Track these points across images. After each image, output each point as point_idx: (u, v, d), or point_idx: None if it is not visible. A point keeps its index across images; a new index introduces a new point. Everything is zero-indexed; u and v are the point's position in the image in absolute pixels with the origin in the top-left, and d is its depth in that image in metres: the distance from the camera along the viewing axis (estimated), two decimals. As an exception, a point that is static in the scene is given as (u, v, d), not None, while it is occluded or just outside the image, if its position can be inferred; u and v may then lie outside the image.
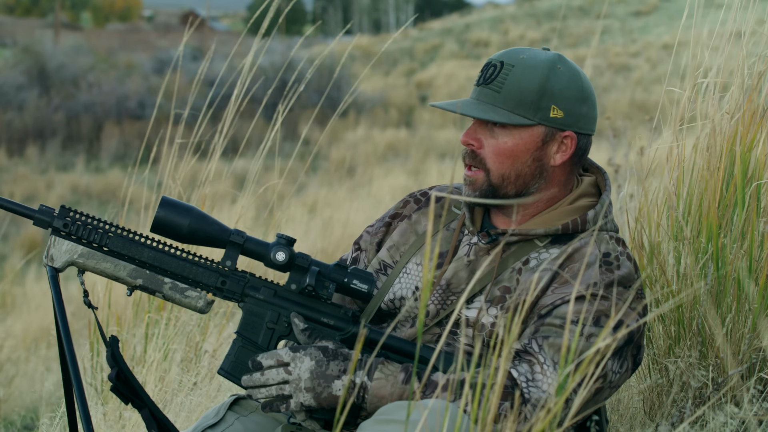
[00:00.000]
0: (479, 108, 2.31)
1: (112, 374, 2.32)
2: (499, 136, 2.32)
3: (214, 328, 4.22)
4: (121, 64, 29.20)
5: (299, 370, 2.20)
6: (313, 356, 2.20)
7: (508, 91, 2.30)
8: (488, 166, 2.33)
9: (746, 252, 2.73)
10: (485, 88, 2.33)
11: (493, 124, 2.32)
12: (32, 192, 17.65)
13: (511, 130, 2.31)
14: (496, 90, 2.31)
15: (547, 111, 2.30)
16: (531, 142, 2.32)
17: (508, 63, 2.32)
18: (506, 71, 2.31)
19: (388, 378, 2.18)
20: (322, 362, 2.20)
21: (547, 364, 2.15)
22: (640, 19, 36.70)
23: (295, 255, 2.32)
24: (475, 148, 2.34)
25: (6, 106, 23.59)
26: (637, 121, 16.59)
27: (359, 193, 11.64)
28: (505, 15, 41.31)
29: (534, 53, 2.34)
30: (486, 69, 2.35)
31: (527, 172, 2.34)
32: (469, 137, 2.34)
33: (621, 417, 2.92)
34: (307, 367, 2.20)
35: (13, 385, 6.38)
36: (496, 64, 2.33)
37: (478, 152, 2.34)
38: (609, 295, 2.21)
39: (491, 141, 2.33)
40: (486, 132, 2.33)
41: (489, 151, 2.33)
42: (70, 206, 2.33)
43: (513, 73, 2.30)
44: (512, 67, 2.31)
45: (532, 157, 2.33)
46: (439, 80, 29.16)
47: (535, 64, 2.31)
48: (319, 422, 2.31)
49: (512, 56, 2.33)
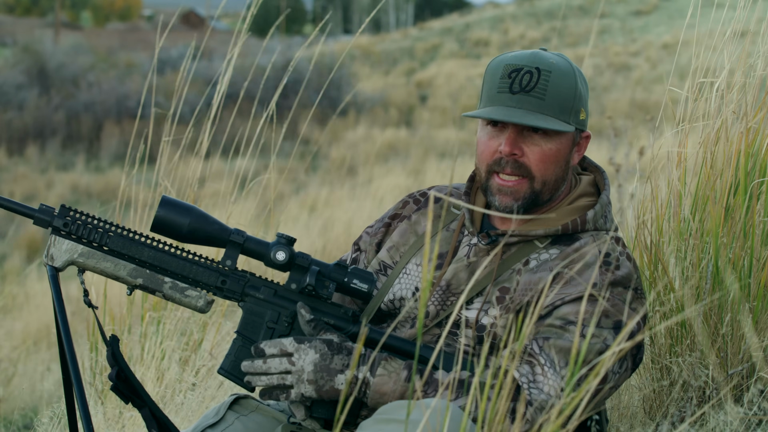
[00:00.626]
0: (529, 116, 2.27)
1: (112, 373, 2.32)
2: (542, 143, 2.30)
3: (212, 327, 4.21)
4: (121, 63, 29.19)
5: (303, 362, 2.19)
6: (318, 349, 2.20)
7: (552, 97, 2.28)
8: (533, 174, 2.31)
9: (747, 251, 2.73)
10: (527, 96, 2.28)
11: (533, 130, 2.30)
12: (32, 191, 17.65)
13: (553, 136, 2.30)
14: (539, 97, 2.28)
15: (578, 114, 2.33)
16: (568, 146, 2.34)
17: (544, 69, 2.29)
18: (545, 77, 2.29)
19: (390, 375, 2.18)
20: (327, 356, 2.20)
21: (548, 365, 2.15)
22: (640, 19, 36.70)
23: (295, 254, 2.32)
24: (518, 157, 2.31)
25: (6, 105, 23.59)
26: (637, 121, 16.58)
27: (359, 192, 11.64)
28: (505, 14, 41.31)
29: (552, 57, 2.33)
30: (518, 75, 2.30)
31: (561, 175, 2.35)
32: (513, 147, 2.30)
33: (621, 416, 2.92)
34: (311, 359, 2.19)
35: (12, 385, 6.38)
36: (531, 71, 2.29)
37: (521, 161, 2.31)
38: (609, 295, 2.21)
39: (535, 148, 2.30)
40: (526, 139, 2.31)
41: (534, 159, 2.30)
42: (70, 206, 2.33)
43: (552, 79, 2.29)
44: (550, 74, 2.29)
45: (565, 161, 2.34)
46: (439, 80, 29.15)
47: (566, 69, 2.31)
48: (319, 421, 2.31)
49: (542, 62, 2.30)
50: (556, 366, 2.15)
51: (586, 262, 2.26)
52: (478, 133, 2.38)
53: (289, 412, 2.43)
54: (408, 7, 65.05)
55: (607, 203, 2.38)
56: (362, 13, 64.87)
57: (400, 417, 2.07)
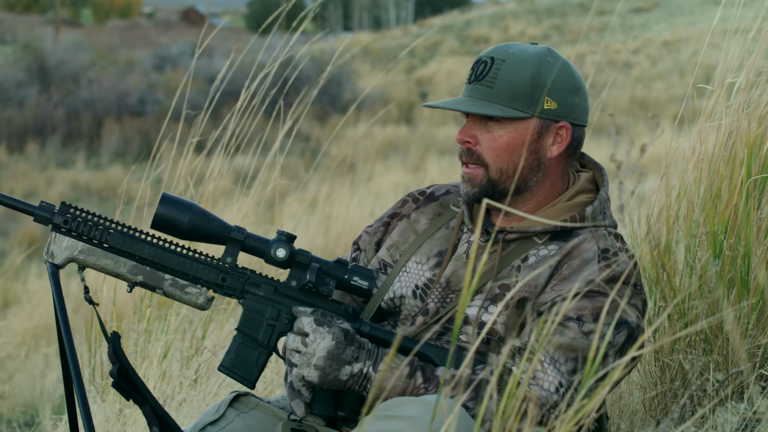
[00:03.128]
0: (473, 104, 2.31)
1: (113, 370, 2.32)
2: (494, 131, 2.32)
3: (215, 325, 4.22)
4: (121, 60, 29.18)
5: (316, 346, 2.19)
6: (335, 337, 2.20)
7: (501, 85, 2.30)
8: (486, 161, 2.33)
9: (746, 248, 2.73)
10: (477, 85, 2.33)
11: (488, 119, 2.32)
12: (32, 189, 17.64)
13: (506, 124, 2.31)
14: (488, 85, 2.31)
15: (541, 103, 2.31)
16: (527, 134, 2.32)
17: (498, 58, 2.32)
18: (497, 66, 2.31)
19: (392, 371, 2.18)
20: (341, 345, 2.19)
21: (548, 362, 2.15)
22: (640, 16, 36.68)
23: (296, 252, 2.32)
24: (471, 145, 2.34)
25: (6, 102, 23.57)
26: (638, 118, 16.57)
27: (359, 189, 11.63)
28: (506, 12, 41.30)
29: (523, 47, 2.35)
30: (477, 66, 2.35)
31: (525, 165, 2.34)
32: (464, 135, 2.35)
33: (622, 414, 2.92)
34: (325, 345, 2.19)
35: (13, 382, 6.38)
36: (486, 61, 2.34)
37: (474, 149, 2.34)
38: (608, 291, 2.21)
39: (487, 136, 2.33)
40: (481, 128, 2.34)
41: (486, 147, 2.33)
42: (71, 203, 2.33)
43: (504, 68, 2.31)
44: (503, 62, 2.31)
45: (529, 150, 2.33)
46: (439, 77, 29.14)
47: (525, 58, 2.32)
48: (324, 418, 2.31)
49: (502, 51, 2.34)
50: (556, 362, 2.15)
51: (585, 258, 2.27)
52: None
53: (289, 409, 2.43)
54: (408, 4, 65.00)
55: (606, 199, 2.38)
56: (362, 10, 64.82)
57: (399, 413, 2.07)
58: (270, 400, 2.49)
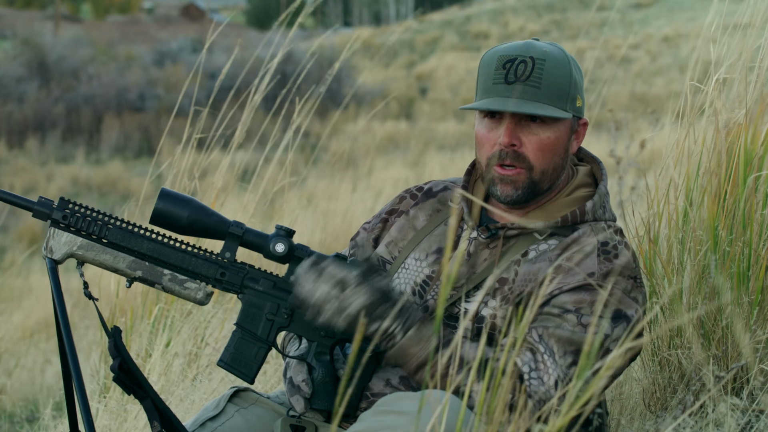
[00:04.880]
0: (526, 105, 2.27)
1: (114, 365, 2.32)
2: (539, 132, 2.30)
3: (217, 321, 4.22)
4: (121, 56, 29.18)
5: (350, 301, 2.19)
6: (371, 296, 2.19)
7: (548, 85, 2.28)
8: (531, 164, 2.31)
9: (746, 244, 2.73)
10: (523, 85, 2.28)
11: (531, 120, 2.30)
12: (32, 184, 17.65)
13: (550, 124, 2.31)
14: (535, 86, 2.28)
15: (575, 101, 2.33)
16: (566, 133, 2.34)
17: (538, 58, 2.29)
18: (540, 66, 2.29)
19: (420, 339, 2.19)
20: (375, 303, 2.19)
21: (548, 354, 2.16)
22: (640, 11, 36.65)
23: (295, 246, 2.32)
24: (517, 147, 2.31)
25: (6, 98, 23.58)
26: (637, 114, 16.57)
27: (359, 185, 11.63)
28: (506, 7, 41.25)
29: (545, 46, 2.34)
30: (513, 65, 2.30)
31: (559, 164, 2.34)
32: (512, 137, 2.30)
33: (622, 409, 2.92)
34: (361, 302, 2.18)
35: (13, 377, 6.39)
36: (525, 60, 2.29)
37: (520, 151, 2.31)
38: (607, 284, 2.22)
39: (533, 138, 2.30)
40: (524, 130, 2.31)
41: (532, 148, 2.30)
42: (70, 198, 2.33)
43: (547, 68, 2.29)
44: (544, 62, 2.29)
45: (564, 149, 2.34)
46: (439, 72, 29.13)
47: (559, 56, 2.31)
48: (322, 414, 2.32)
49: (536, 51, 2.30)
50: (555, 355, 2.16)
51: (585, 251, 2.27)
52: (476, 127, 2.37)
53: (289, 404, 2.43)
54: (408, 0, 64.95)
55: (605, 194, 2.39)
56: (362, 5, 64.79)
57: (398, 408, 2.07)
58: (269, 395, 2.50)
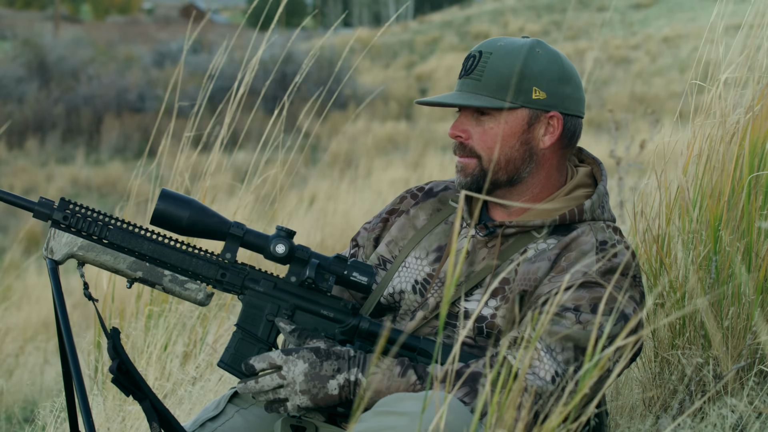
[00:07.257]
0: (461, 97, 2.35)
1: (113, 366, 2.32)
2: (485, 124, 2.35)
3: (214, 320, 4.22)
4: (121, 56, 29.18)
5: (293, 374, 2.19)
6: (306, 359, 2.20)
7: (489, 77, 2.33)
8: (479, 153, 2.36)
9: (746, 246, 2.73)
10: (466, 79, 2.37)
11: (479, 113, 2.35)
12: (32, 184, 17.65)
13: (497, 116, 2.34)
14: (476, 78, 2.34)
15: (529, 93, 2.33)
16: (516, 125, 2.34)
17: (486, 51, 2.36)
18: (485, 59, 2.35)
19: (384, 372, 2.18)
20: (316, 364, 2.19)
21: (545, 350, 2.16)
22: (640, 12, 36.65)
23: (295, 247, 2.32)
24: (463, 139, 2.37)
25: (6, 98, 23.58)
26: (637, 114, 16.57)
27: (359, 185, 11.62)
28: (505, 7, 41.25)
29: (511, 40, 2.38)
30: (466, 61, 2.39)
31: (516, 156, 2.36)
32: (456, 129, 2.38)
33: (621, 409, 2.92)
34: (300, 370, 2.19)
35: (13, 378, 6.38)
36: (475, 55, 2.37)
37: (466, 143, 2.37)
38: (606, 282, 2.22)
39: (478, 129, 2.36)
40: (472, 122, 2.36)
41: (477, 140, 2.36)
42: (70, 199, 2.33)
43: (492, 60, 2.34)
44: (490, 55, 2.35)
45: (520, 141, 2.35)
46: (439, 73, 29.12)
47: (513, 50, 2.34)
48: (324, 414, 2.31)
49: (490, 45, 2.37)
50: (553, 351, 2.16)
51: (583, 250, 2.28)
52: None
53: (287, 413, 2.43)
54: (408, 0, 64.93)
55: (604, 194, 2.39)
56: (362, 6, 64.80)
57: (398, 409, 2.07)
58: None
